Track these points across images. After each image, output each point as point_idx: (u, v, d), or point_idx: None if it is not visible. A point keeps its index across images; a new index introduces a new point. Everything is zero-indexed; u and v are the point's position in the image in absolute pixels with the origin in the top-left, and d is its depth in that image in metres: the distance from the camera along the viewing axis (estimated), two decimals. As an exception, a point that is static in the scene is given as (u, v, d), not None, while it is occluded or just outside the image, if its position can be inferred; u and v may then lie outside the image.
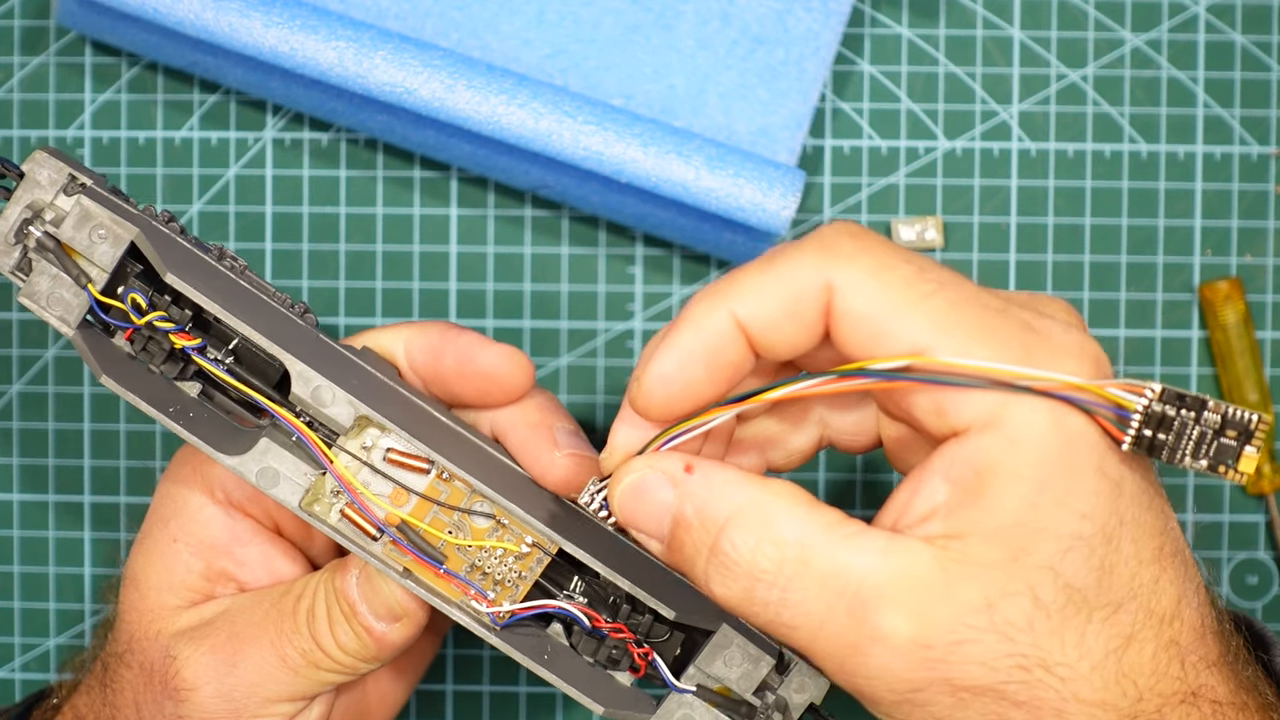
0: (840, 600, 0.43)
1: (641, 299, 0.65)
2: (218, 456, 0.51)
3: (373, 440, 0.52)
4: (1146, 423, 0.43)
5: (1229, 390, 0.64)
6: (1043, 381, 0.43)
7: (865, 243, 0.44)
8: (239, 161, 0.65)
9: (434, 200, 0.65)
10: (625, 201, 0.63)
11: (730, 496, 0.45)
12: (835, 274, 0.44)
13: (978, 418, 0.43)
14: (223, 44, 0.60)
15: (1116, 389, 0.43)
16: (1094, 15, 0.65)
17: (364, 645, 0.53)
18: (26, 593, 0.66)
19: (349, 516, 0.52)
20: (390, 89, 0.60)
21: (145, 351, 0.52)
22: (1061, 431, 0.43)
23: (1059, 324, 0.44)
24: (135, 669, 0.54)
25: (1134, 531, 0.44)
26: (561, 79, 0.63)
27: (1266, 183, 0.65)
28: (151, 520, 0.55)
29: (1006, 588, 0.43)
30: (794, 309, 0.44)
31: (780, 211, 0.60)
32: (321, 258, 0.65)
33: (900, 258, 0.44)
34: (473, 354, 0.53)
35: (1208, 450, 0.43)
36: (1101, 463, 0.43)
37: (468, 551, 0.52)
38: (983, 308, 0.44)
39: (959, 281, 0.44)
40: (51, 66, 0.65)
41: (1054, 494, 0.43)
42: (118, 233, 0.51)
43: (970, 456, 0.43)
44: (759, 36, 0.63)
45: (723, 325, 0.45)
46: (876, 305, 0.44)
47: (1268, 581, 0.65)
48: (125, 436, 0.65)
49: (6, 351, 0.66)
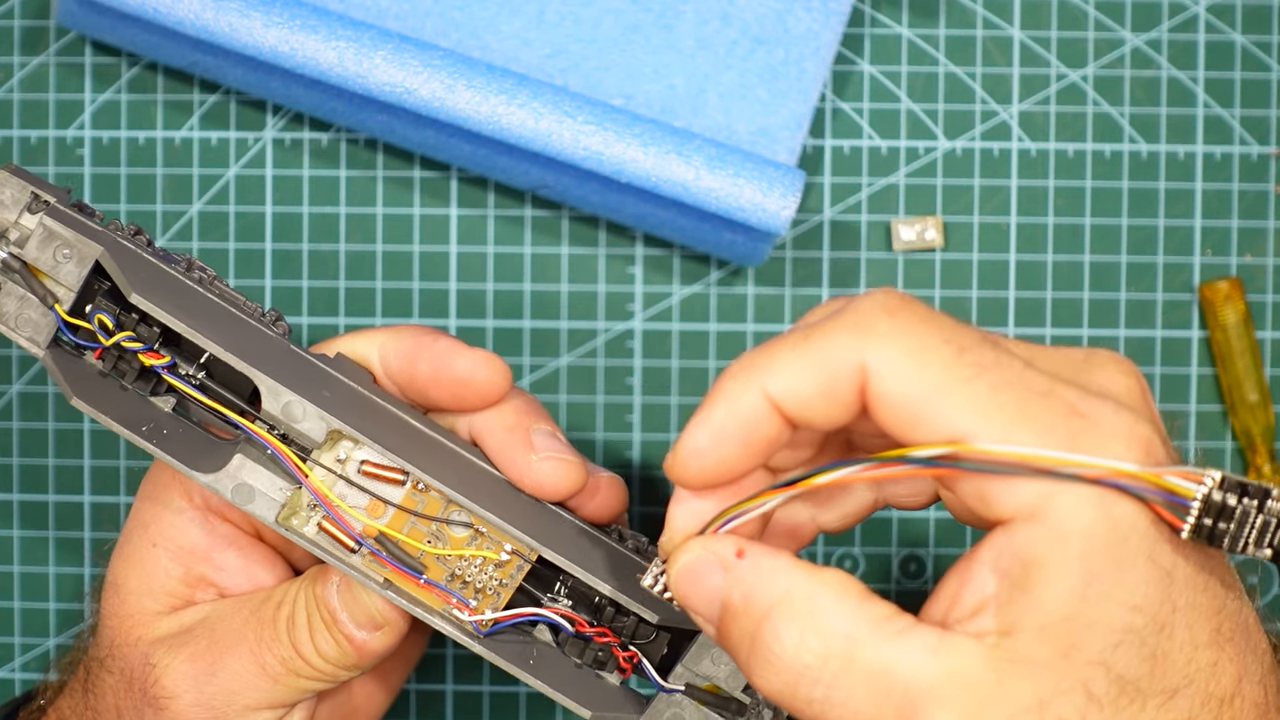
0: (888, 701, 0.41)
1: (641, 299, 0.65)
2: (192, 475, 0.51)
3: (347, 453, 0.51)
4: (1206, 512, 0.41)
5: (1229, 390, 0.64)
6: (1092, 469, 0.41)
7: (902, 320, 0.43)
8: (239, 161, 0.65)
9: (434, 200, 0.65)
10: (625, 201, 0.63)
11: (777, 584, 0.43)
12: (870, 356, 0.42)
13: (1022, 508, 0.41)
14: (223, 44, 0.60)
15: (1174, 476, 0.41)
16: (1094, 15, 0.65)
17: (345, 653, 0.52)
18: (26, 593, 0.66)
19: (326, 529, 0.51)
20: (390, 89, 0.60)
21: (116, 370, 0.52)
22: (1109, 522, 0.41)
23: (1109, 405, 0.42)
24: (116, 675, 0.54)
25: (1188, 617, 0.42)
26: (561, 79, 0.63)
27: (1266, 183, 0.65)
28: (131, 525, 0.55)
29: (1059, 685, 0.41)
30: (828, 389, 0.43)
31: (780, 211, 0.60)
32: (321, 258, 0.65)
33: (939, 337, 0.42)
34: (448, 360, 0.53)
35: (1272, 539, 0.41)
36: (1153, 551, 0.41)
37: (447, 561, 0.52)
38: (1026, 390, 0.42)
39: (1001, 362, 0.42)
40: (51, 66, 0.65)
41: (1103, 587, 0.41)
42: (82, 251, 0.50)
43: (1017, 548, 0.42)
44: (759, 36, 0.63)
45: (755, 402, 0.44)
46: (914, 389, 0.42)
47: (1268, 581, 0.65)
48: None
49: (6, 352, 0.66)
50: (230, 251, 0.65)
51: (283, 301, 0.65)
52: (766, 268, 0.65)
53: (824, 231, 0.65)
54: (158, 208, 0.65)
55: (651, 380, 0.65)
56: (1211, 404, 0.65)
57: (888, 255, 0.65)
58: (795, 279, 0.65)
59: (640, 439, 0.65)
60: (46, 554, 0.66)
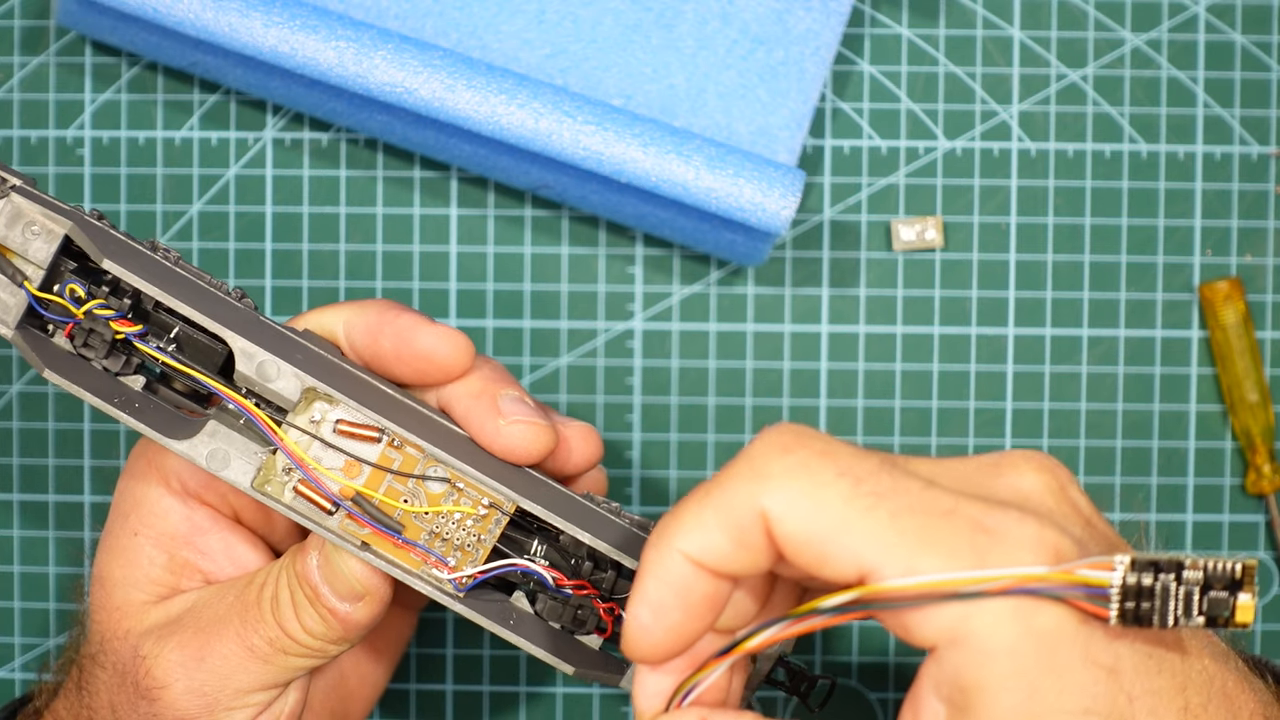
0: None
1: (641, 299, 0.65)
2: (166, 442, 0.51)
3: (321, 414, 0.51)
4: (1126, 596, 0.41)
5: (1229, 390, 0.64)
6: (999, 581, 0.40)
7: (797, 458, 0.42)
8: (239, 161, 0.65)
9: (434, 200, 0.65)
10: (625, 201, 0.63)
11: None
12: (766, 500, 0.42)
13: (943, 634, 0.41)
14: (223, 44, 0.60)
15: (1085, 570, 0.41)
16: (1094, 15, 0.65)
17: (330, 627, 0.52)
18: (26, 593, 0.66)
19: (303, 493, 0.51)
20: (390, 89, 0.60)
21: (87, 346, 0.51)
22: (1032, 633, 0.41)
23: (1013, 515, 0.42)
24: (109, 670, 0.54)
25: (1150, 703, 0.42)
26: (561, 79, 0.63)
27: (1266, 183, 0.65)
28: (112, 517, 0.55)
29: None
30: (739, 539, 0.43)
31: (780, 211, 0.60)
32: (321, 258, 0.65)
33: (835, 471, 0.42)
34: (410, 336, 0.52)
35: (1200, 607, 0.41)
36: (1087, 651, 0.41)
37: (424, 519, 0.52)
38: (926, 514, 0.41)
39: (899, 488, 0.42)
40: (51, 66, 0.65)
41: (1046, 699, 0.41)
42: (51, 228, 0.50)
43: (951, 675, 0.41)
44: (759, 36, 0.63)
45: (679, 567, 0.44)
46: (815, 528, 0.42)
47: (1268, 581, 0.65)
48: (124, 437, 0.65)
49: (6, 351, 0.66)
50: (230, 251, 0.65)
51: (283, 301, 0.65)
52: (766, 268, 0.65)
53: (824, 231, 0.65)
54: (158, 208, 0.65)
55: (651, 380, 0.65)
56: (1211, 404, 0.65)
57: (888, 255, 0.65)
58: (795, 279, 0.65)
59: (640, 439, 0.65)
60: (46, 554, 0.66)
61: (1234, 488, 0.65)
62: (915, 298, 0.65)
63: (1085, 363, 0.65)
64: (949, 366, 0.65)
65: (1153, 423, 0.65)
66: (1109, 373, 0.65)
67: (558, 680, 0.65)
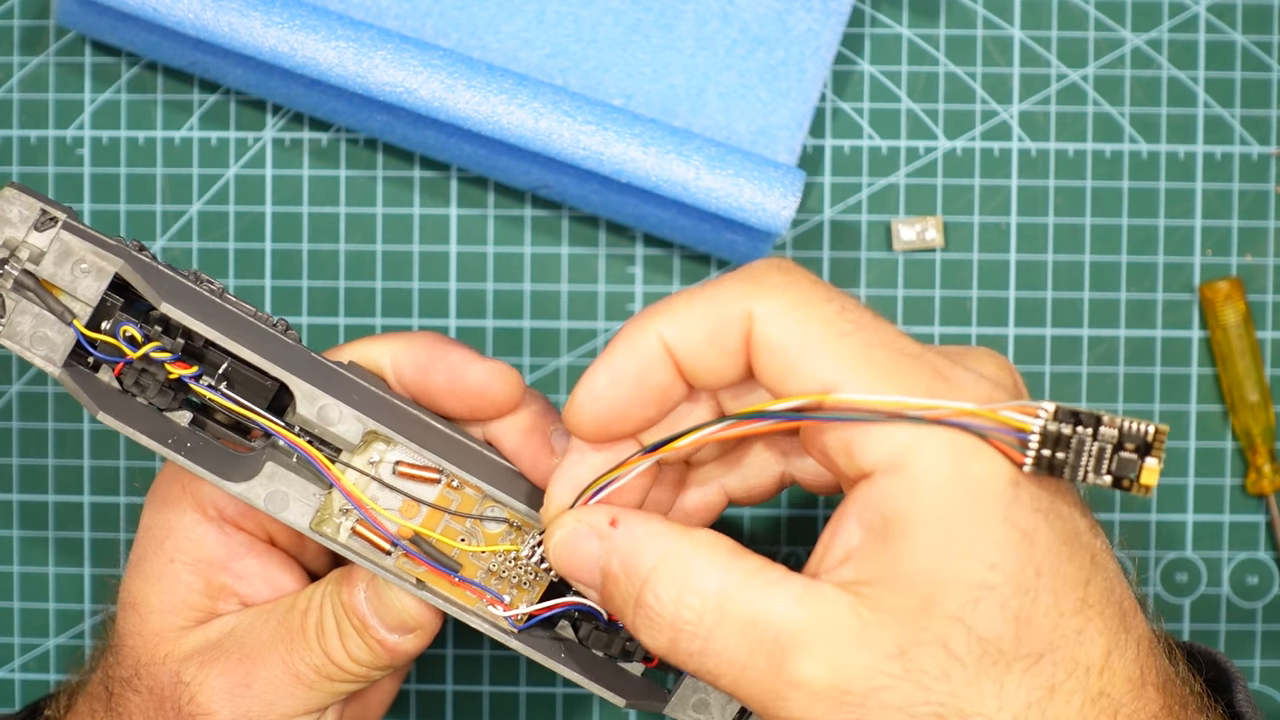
0: (760, 647, 0.44)
1: (641, 299, 0.65)
2: (224, 485, 0.51)
3: (379, 455, 0.52)
4: (1044, 442, 0.43)
5: (1229, 390, 0.64)
6: (936, 410, 0.43)
7: (791, 277, 0.45)
8: (239, 161, 0.65)
9: (434, 200, 0.65)
10: (625, 201, 0.63)
11: (652, 549, 0.46)
12: (756, 304, 0.45)
13: (882, 460, 0.43)
14: (223, 44, 0.60)
15: (1010, 411, 0.43)
16: (1094, 15, 0.65)
17: (377, 656, 0.53)
18: (26, 593, 0.66)
19: (360, 533, 0.52)
20: (390, 89, 0.60)
21: (138, 385, 0.51)
22: (964, 479, 0.43)
23: (973, 375, 0.44)
24: (144, 694, 0.54)
25: (1053, 583, 0.43)
26: (561, 79, 0.63)
27: (1266, 183, 0.65)
28: (144, 544, 0.55)
29: (919, 636, 0.43)
30: (716, 335, 0.45)
31: (780, 211, 0.60)
32: (321, 258, 0.65)
33: (823, 296, 0.45)
34: (462, 372, 0.53)
35: (1109, 466, 0.43)
36: (1009, 512, 0.43)
37: (481, 557, 0.52)
38: (897, 352, 0.44)
39: (879, 325, 0.44)
40: (51, 66, 0.65)
41: (959, 544, 0.43)
42: (101, 266, 0.50)
43: (878, 501, 0.43)
44: (759, 36, 0.63)
45: (651, 347, 0.46)
46: (792, 338, 0.44)
47: (1268, 581, 0.65)
48: (124, 437, 0.65)
49: (6, 351, 0.66)
50: (230, 251, 0.65)
51: (283, 301, 0.65)
52: (766, 268, 0.65)
53: (824, 231, 0.65)
54: (157, 208, 0.65)
55: (651, 380, 0.65)
56: (1211, 404, 0.65)
57: (888, 255, 0.65)
58: (795, 279, 0.65)
59: (640, 439, 0.65)
60: (46, 554, 0.66)
61: (1234, 488, 0.65)
62: (915, 298, 0.65)
63: (1085, 363, 0.65)
64: (949, 366, 0.65)
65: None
66: (1109, 373, 0.65)
67: (558, 680, 0.65)
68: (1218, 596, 0.65)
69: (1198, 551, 0.65)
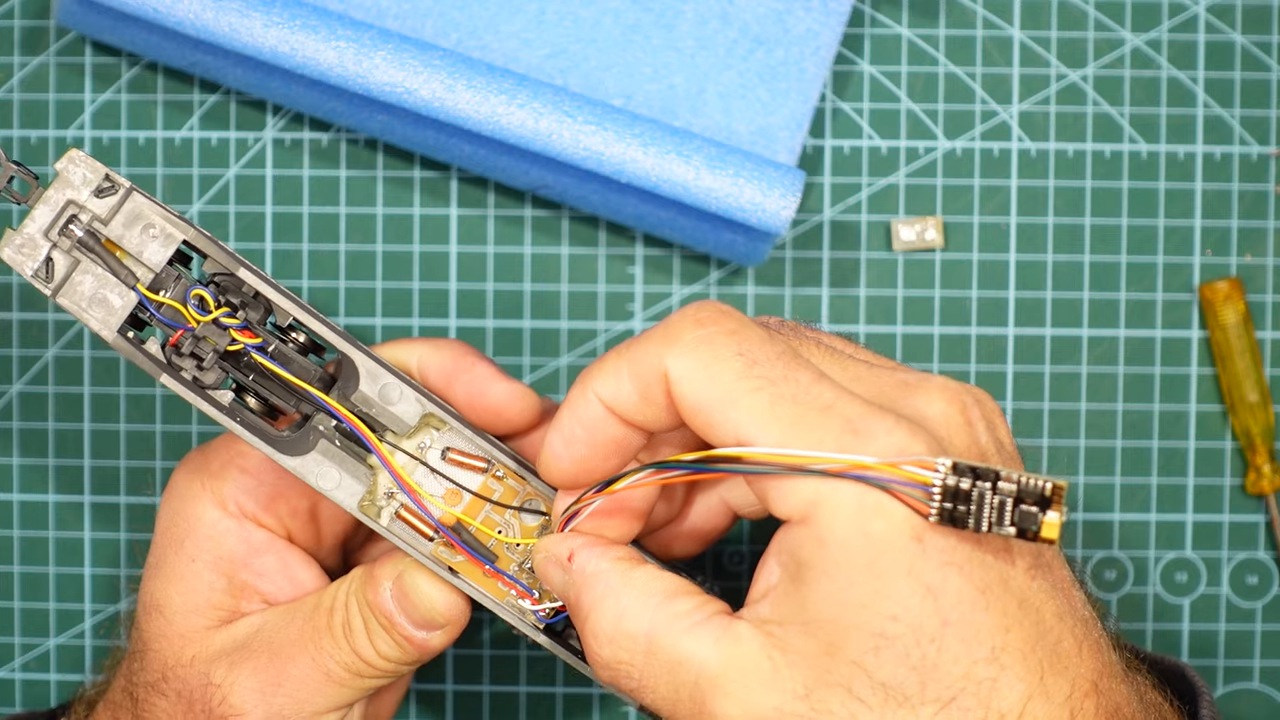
0: (684, 689, 0.46)
1: (641, 299, 0.65)
2: (280, 459, 0.51)
3: (430, 440, 0.52)
4: (945, 496, 0.44)
5: (1229, 390, 0.64)
6: (834, 464, 0.44)
7: (704, 333, 0.47)
8: (239, 161, 0.65)
9: (434, 200, 0.65)
10: (625, 201, 0.63)
11: (594, 588, 0.48)
12: (670, 364, 0.46)
13: (794, 511, 0.45)
14: (223, 44, 0.60)
15: (910, 465, 0.44)
16: (1094, 15, 0.65)
17: (405, 653, 0.53)
18: (26, 593, 0.66)
19: (404, 517, 0.52)
20: (390, 89, 0.60)
21: (193, 355, 0.50)
22: (865, 534, 0.44)
23: (888, 424, 0.45)
24: (172, 697, 0.54)
25: (962, 632, 0.44)
26: (561, 79, 0.63)
27: (1266, 183, 0.65)
28: (164, 544, 0.55)
29: (824, 679, 0.44)
30: (643, 393, 0.47)
31: (780, 211, 0.60)
32: (321, 258, 0.65)
33: (736, 349, 0.46)
34: (484, 388, 0.55)
35: (1012, 518, 0.44)
36: (913, 565, 0.44)
37: (515, 551, 0.53)
38: (804, 406, 0.45)
39: (789, 378, 0.45)
40: (51, 66, 0.65)
41: (860, 595, 0.44)
42: (170, 232, 0.50)
43: (792, 546, 0.45)
44: (759, 36, 0.63)
45: (592, 408, 0.48)
46: (704, 397, 0.46)
47: (1268, 581, 0.65)
48: (125, 437, 0.65)
49: (6, 351, 0.66)
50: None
51: (283, 301, 0.65)
52: (766, 268, 0.65)
53: (824, 231, 0.65)
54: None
55: (651, 380, 0.65)
56: (1211, 404, 0.65)
57: (888, 255, 0.65)
58: (795, 279, 0.65)
59: (640, 439, 0.66)
60: (46, 554, 0.66)
61: (1234, 488, 0.65)
62: (915, 298, 0.65)
63: (1085, 363, 0.65)
64: (949, 367, 0.65)
65: (1153, 423, 0.65)
66: (1109, 373, 0.65)
67: (557, 680, 0.65)
68: (1217, 596, 0.65)
69: (1197, 551, 0.65)
